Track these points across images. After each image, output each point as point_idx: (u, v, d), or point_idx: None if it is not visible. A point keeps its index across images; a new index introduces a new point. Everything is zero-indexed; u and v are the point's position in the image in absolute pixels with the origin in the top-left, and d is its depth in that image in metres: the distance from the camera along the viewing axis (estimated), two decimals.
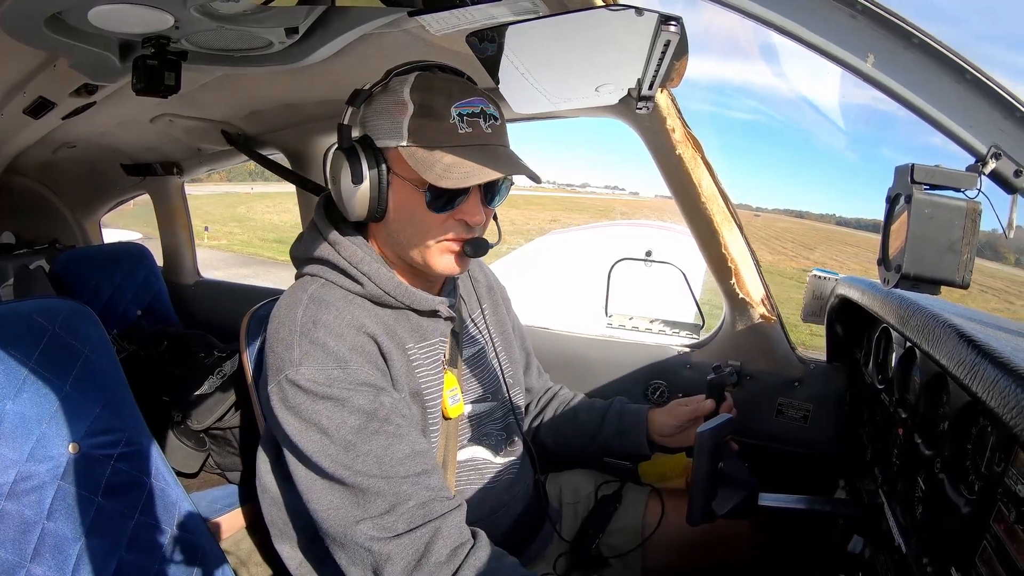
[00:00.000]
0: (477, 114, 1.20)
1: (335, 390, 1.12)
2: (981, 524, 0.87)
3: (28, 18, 1.21)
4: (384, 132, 1.19)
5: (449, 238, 1.25)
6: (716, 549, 1.54)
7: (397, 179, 1.21)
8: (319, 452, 1.11)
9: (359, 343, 1.18)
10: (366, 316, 1.23)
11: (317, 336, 1.15)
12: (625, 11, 0.98)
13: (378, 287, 1.25)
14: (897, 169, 0.84)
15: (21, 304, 1.34)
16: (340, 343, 1.16)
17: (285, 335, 1.18)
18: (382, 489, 1.10)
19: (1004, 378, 0.79)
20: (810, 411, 1.89)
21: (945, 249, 0.79)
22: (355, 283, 1.25)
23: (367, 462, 1.10)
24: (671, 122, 1.70)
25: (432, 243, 1.24)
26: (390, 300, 1.27)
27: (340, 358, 1.14)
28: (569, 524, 1.64)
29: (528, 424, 1.77)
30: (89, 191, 3.54)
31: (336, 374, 1.13)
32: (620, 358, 2.10)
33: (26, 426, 1.25)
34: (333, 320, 1.18)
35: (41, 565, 1.22)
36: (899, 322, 1.23)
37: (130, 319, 3.16)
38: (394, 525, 1.09)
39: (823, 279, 1.90)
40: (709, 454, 1.23)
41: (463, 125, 1.18)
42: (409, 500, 1.10)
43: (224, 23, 1.25)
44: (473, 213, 1.23)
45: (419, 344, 1.31)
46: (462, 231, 1.25)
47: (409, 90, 1.18)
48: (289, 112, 2.27)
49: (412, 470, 1.13)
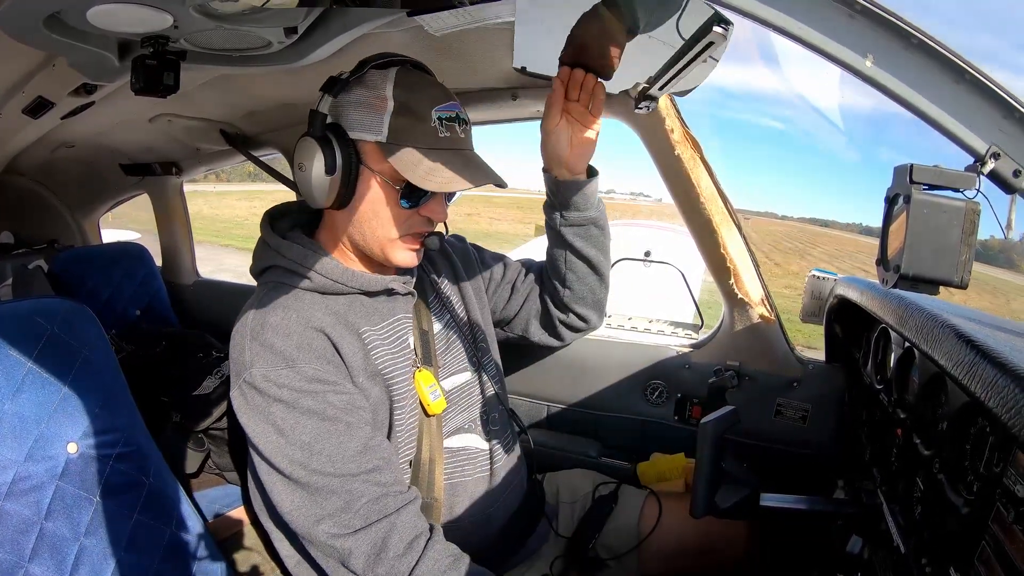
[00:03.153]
0: (454, 119, 1.25)
1: (286, 392, 1.16)
2: (980, 524, 0.87)
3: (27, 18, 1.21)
4: (360, 125, 1.22)
5: (412, 233, 1.30)
6: (713, 550, 1.54)
7: (367, 171, 1.24)
8: (276, 452, 1.16)
9: (307, 339, 1.21)
10: (316, 309, 1.26)
11: (265, 337, 1.19)
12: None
13: (325, 277, 1.29)
14: (896, 169, 0.84)
15: (20, 304, 1.34)
16: (287, 342, 1.19)
17: (239, 340, 1.23)
18: (336, 487, 1.14)
19: (1003, 378, 0.79)
20: (809, 411, 1.89)
21: (944, 249, 0.79)
22: (304, 279, 1.29)
23: (321, 460, 1.14)
24: (670, 122, 1.70)
25: (396, 237, 1.29)
26: (339, 287, 1.31)
27: (288, 357, 1.18)
28: (566, 523, 1.64)
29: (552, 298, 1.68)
30: (88, 191, 3.53)
31: (285, 374, 1.16)
32: (619, 358, 2.10)
33: (24, 426, 1.24)
34: (280, 320, 1.21)
35: (40, 565, 1.22)
36: (898, 322, 1.23)
37: (129, 319, 3.16)
38: (351, 522, 1.13)
39: (822, 279, 1.90)
40: (712, 444, 1.23)
41: (442, 129, 1.23)
42: (361, 497, 1.14)
43: (223, 23, 1.24)
44: (439, 211, 1.31)
45: (375, 326, 1.34)
46: (424, 226, 1.31)
47: (392, 87, 1.21)
48: (288, 112, 2.27)
49: (363, 467, 1.16)
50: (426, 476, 1.33)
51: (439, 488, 1.35)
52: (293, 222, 1.41)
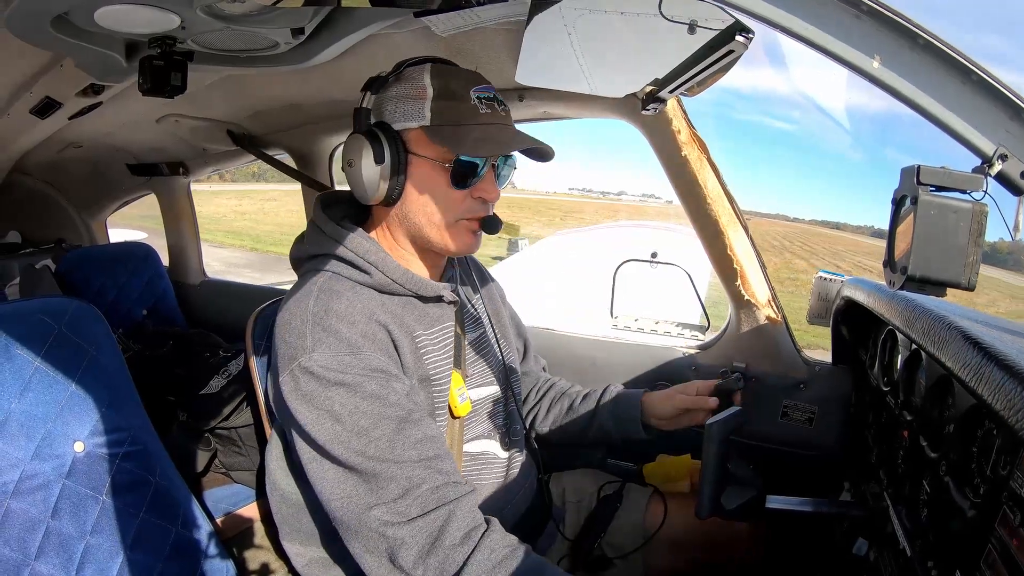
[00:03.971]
0: (492, 98, 1.27)
1: (347, 376, 1.13)
2: (986, 527, 0.87)
3: (35, 19, 1.22)
4: (403, 115, 1.24)
5: (468, 216, 1.29)
6: (718, 550, 1.54)
7: (416, 159, 1.25)
8: (332, 440, 1.12)
9: (370, 331, 1.20)
10: (375, 305, 1.24)
11: (330, 324, 1.17)
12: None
13: (385, 275, 1.27)
14: (903, 171, 0.84)
15: (27, 303, 1.35)
16: (352, 330, 1.17)
17: (298, 324, 1.19)
18: (395, 474, 1.10)
19: (1010, 381, 0.79)
20: (815, 413, 1.88)
21: (951, 251, 0.78)
22: (363, 273, 1.27)
23: (379, 447, 1.11)
24: (677, 123, 1.70)
25: (452, 220, 1.28)
26: (397, 288, 1.29)
27: (352, 344, 1.16)
28: (572, 523, 1.64)
29: (529, 414, 1.76)
30: (95, 191, 3.55)
31: (348, 360, 1.14)
32: (625, 359, 2.09)
33: (32, 425, 1.25)
34: (345, 308, 1.19)
35: (46, 564, 1.22)
36: (905, 324, 1.23)
37: (136, 318, 3.17)
38: (407, 510, 1.09)
39: (829, 281, 1.90)
40: (718, 445, 1.22)
41: (482, 107, 1.25)
42: (422, 484, 1.10)
43: (230, 24, 1.25)
44: (491, 189, 1.29)
45: (427, 330, 1.33)
46: (479, 208, 1.29)
47: (428, 76, 1.23)
48: (295, 112, 2.27)
49: (424, 454, 1.13)
50: None
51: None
52: (344, 212, 1.38)
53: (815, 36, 0.78)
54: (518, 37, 1.37)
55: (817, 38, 0.78)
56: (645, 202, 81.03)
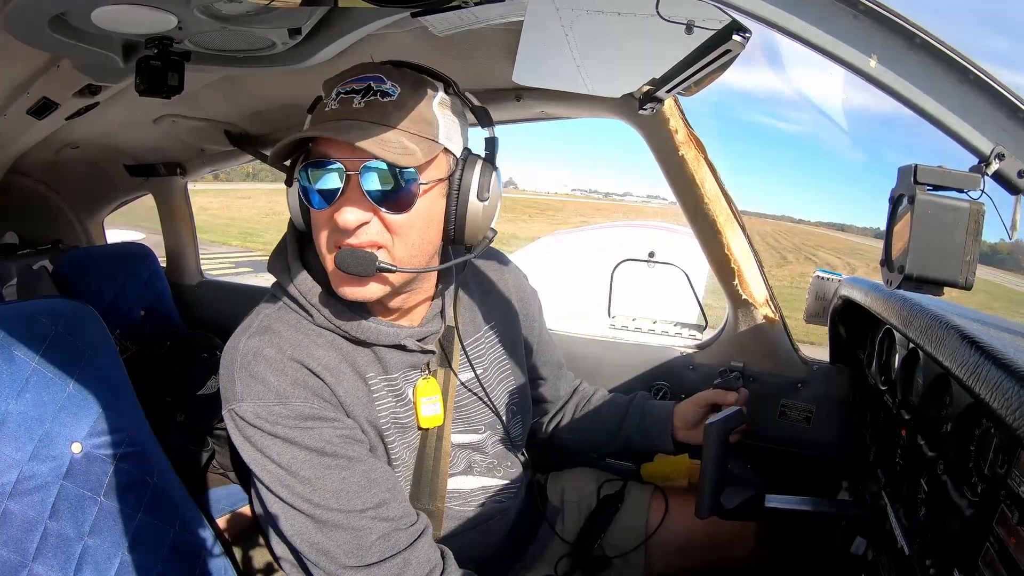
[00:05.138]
0: (358, 91, 1.07)
1: (280, 428, 1.09)
2: (984, 526, 0.87)
3: (31, 19, 1.21)
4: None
5: (331, 246, 1.10)
6: (718, 549, 1.54)
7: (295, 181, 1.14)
8: (278, 483, 1.10)
9: (301, 377, 1.12)
10: (318, 346, 1.15)
11: (257, 371, 1.10)
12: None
13: (329, 321, 1.17)
14: (900, 170, 0.84)
15: (25, 304, 1.34)
16: (281, 379, 1.10)
17: (228, 364, 1.14)
18: (343, 523, 1.10)
19: (1007, 380, 0.79)
20: (813, 412, 1.88)
21: (948, 250, 0.79)
22: (307, 314, 1.18)
23: (325, 496, 1.09)
24: (674, 123, 1.70)
25: (326, 253, 1.11)
26: (344, 334, 1.19)
27: (281, 393, 1.09)
28: (572, 523, 1.64)
29: (550, 423, 1.75)
30: (92, 192, 3.54)
31: (278, 410, 1.09)
32: (623, 359, 2.09)
33: (29, 426, 1.25)
34: (275, 355, 1.11)
35: (44, 565, 1.22)
36: (902, 323, 1.23)
37: (133, 319, 3.16)
38: (363, 557, 1.09)
39: (826, 280, 1.90)
40: (717, 445, 1.23)
41: (333, 103, 1.08)
42: (371, 534, 1.10)
43: (227, 24, 1.25)
44: (339, 208, 1.05)
45: (383, 375, 1.24)
46: (340, 236, 1.08)
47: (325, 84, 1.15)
48: (292, 113, 2.27)
49: (369, 502, 1.12)
50: (427, 485, 1.30)
51: (441, 497, 1.31)
52: None
53: (812, 35, 0.78)
54: (515, 37, 1.37)
55: (814, 37, 0.78)
56: (648, 203, 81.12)
